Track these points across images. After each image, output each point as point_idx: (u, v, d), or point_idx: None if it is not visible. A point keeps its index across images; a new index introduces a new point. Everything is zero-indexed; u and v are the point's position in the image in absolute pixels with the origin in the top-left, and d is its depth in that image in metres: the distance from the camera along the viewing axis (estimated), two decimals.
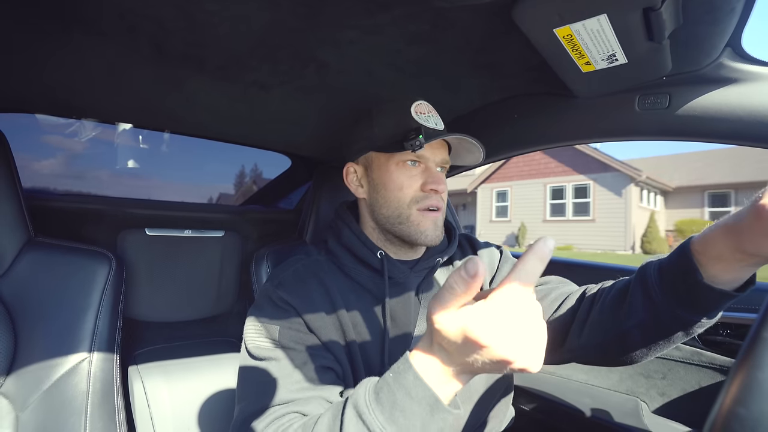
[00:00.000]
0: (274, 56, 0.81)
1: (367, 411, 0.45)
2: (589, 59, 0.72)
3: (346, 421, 0.47)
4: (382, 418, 0.44)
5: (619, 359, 0.67)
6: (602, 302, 0.67)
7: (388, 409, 0.44)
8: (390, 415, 0.44)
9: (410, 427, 0.43)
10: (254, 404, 0.62)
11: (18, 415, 0.80)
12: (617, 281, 0.69)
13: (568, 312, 0.73)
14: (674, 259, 0.57)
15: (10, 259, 0.87)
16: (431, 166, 0.77)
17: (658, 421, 1.05)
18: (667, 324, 0.59)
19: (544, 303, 0.77)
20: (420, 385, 0.43)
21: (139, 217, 1.26)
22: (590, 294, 0.72)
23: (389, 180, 0.76)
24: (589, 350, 0.69)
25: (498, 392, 0.81)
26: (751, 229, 0.46)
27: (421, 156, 0.76)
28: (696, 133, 0.79)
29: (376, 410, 0.45)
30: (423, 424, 0.43)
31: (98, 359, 0.88)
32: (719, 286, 0.52)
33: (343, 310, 0.72)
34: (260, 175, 1.81)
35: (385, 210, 0.77)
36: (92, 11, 0.66)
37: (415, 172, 0.76)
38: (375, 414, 0.45)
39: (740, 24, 0.63)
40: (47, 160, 1.36)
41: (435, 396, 0.42)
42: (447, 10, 0.66)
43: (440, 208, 0.77)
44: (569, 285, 0.81)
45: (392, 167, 0.76)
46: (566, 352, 0.72)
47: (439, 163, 0.79)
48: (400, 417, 0.43)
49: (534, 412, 1.28)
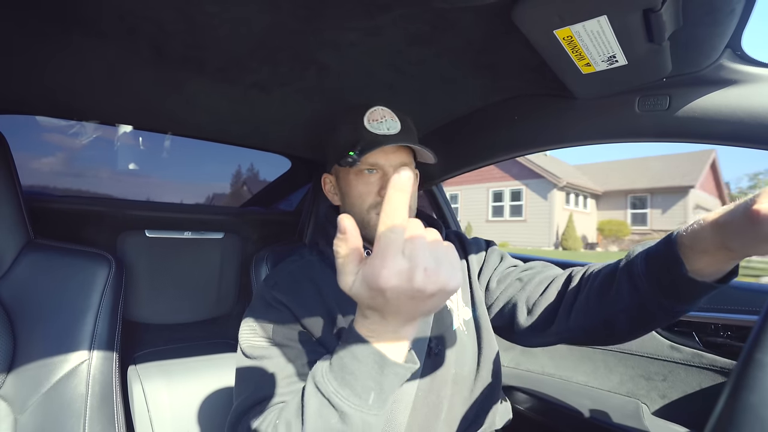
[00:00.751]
0: (274, 58, 0.81)
1: (323, 380, 0.48)
2: (589, 60, 0.72)
3: (307, 394, 0.49)
4: (335, 383, 0.47)
5: (604, 341, 0.72)
6: (589, 288, 0.69)
7: (340, 374, 0.46)
8: (342, 379, 0.46)
9: (364, 387, 0.45)
10: (248, 400, 0.63)
11: (17, 418, 0.80)
12: (604, 267, 0.70)
13: (556, 296, 0.75)
14: (661, 250, 0.59)
15: (10, 261, 0.87)
16: (388, 170, 0.79)
17: (659, 424, 1.05)
18: (652, 312, 0.61)
19: (529, 286, 0.79)
20: (362, 345, 0.45)
21: (138, 218, 1.26)
22: (576, 278, 0.73)
23: (350, 189, 0.80)
24: (575, 333, 0.71)
25: (488, 382, 0.81)
26: (741, 230, 0.47)
27: (375, 163, 0.78)
28: (696, 135, 0.79)
29: (329, 377, 0.47)
30: (377, 382, 0.45)
31: (97, 361, 0.88)
32: (702, 279, 0.54)
33: (336, 309, 0.73)
34: (260, 176, 1.81)
35: (352, 216, 0.79)
36: (92, 13, 0.67)
37: (372, 179, 0.78)
38: (329, 381, 0.47)
39: (740, 25, 0.63)
40: (46, 161, 1.36)
41: (379, 353, 0.44)
42: (447, 11, 0.66)
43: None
44: (554, 269, 0.83)
45: (351, 177, 0.80)
46: (553, 334, 0.74)
47: (398, 167, 0.79)
48: (351, 379, 0.45)
49: (534, 413, 1.28)
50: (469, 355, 0.80)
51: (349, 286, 0.42)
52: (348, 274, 0.42)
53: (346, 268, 0.42)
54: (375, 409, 0.46)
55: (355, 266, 0.42)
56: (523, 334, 0.78)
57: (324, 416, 0.47)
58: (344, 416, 0.46)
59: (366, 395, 0.46)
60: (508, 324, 0.80)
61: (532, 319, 0.76)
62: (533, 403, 1.28)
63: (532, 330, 0.76)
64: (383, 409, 0.48)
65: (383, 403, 0.47)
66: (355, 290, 0.42)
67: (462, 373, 0.78)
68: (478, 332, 0.82)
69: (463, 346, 0.79)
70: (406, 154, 0.81)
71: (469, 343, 0.81)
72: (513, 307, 0.79)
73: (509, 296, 0.81)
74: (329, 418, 0.47)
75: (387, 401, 0.48)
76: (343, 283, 0.43)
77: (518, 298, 0.79)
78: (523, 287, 0.80)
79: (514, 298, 0.80)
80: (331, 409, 0.46)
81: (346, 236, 0.42)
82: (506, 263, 0.89)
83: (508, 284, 0.83)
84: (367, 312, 0.44)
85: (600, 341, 0.73)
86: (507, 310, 0.81)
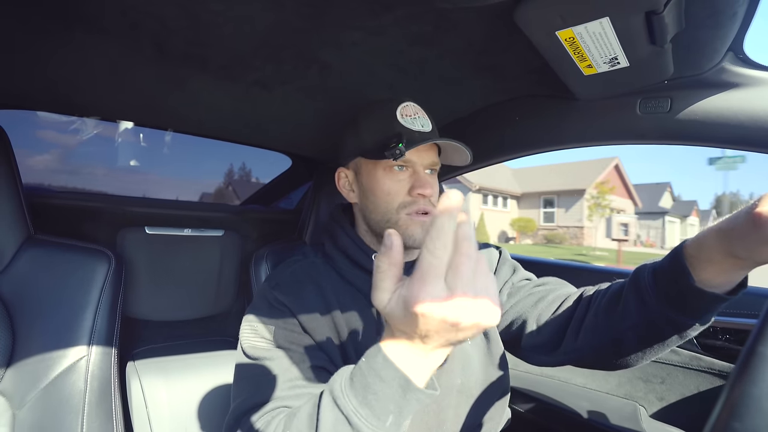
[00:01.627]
0: (277, 56, 0.81)
1: (342, 396, 0.46)
2: (591, 62, 0.72)
3: (323, 407, 0.48)
4: (355, 401, 0.45)
5: (614, 363, 0.67)
6: (597, 305, 0.67)
7: (361, 392, 0.45)
8: (363, 398, 0.44)
9: (384, 409, 0.44)
10: (248, 401, 0.62)
11: (15, 413, 0.80)
12: (613, 284, 0.69)
13: (565, 314, 0.73)
14: (667, 263, 0.57)
15: (10, 256, 0.87)
16: (419, 169, 0.76)
17: (657, 426, 1.05)
18: (660, 327, 0.59)
19: (542, 304, 0.77)
20: (389, 366, 0.43)
21: (138, 215, 1.26)
22: (587, 296, 0.71)
23: (377, 186, 0.76)
24: (584, 353, 0.69)
25: (494, 393, 0.81)
26: (745, 235, 0.46)
27: (408, 160, 0.75)
28: (697, 138, 0.79)
29: (350, 394, 0.46)
30: (397, 405, 0.44)
31: (96, 357, 0.88)
32: (711, 290, 0.53)
33: (338, 312, 0.72)
34: (261, 174, 1.81)
35: (374, 215, 0.77)
36: (95, 9, 0.67)
37: (402, 177, 0.76)
38: (349, 398, 0.45)
39: (742, 28, 0.63)
40: (47, 157, 1.36)
41: (405, 377, 0.43)
42: (449, 12, 0.66)
43: (430, 212, 0.76)
44: (567, 287, 0.81)
45: (379, 173, 0.76)
46: (562, 354, 0.72)
47: (428, 166, 0.78)
48: (372, 400, 0.44)
49: (532, 415, 1.28)
50: (476, 365, 0.78)
51: (384, 304, 0.41)
52: (384, 290, 0.41)
53: (384, 284, 0.41)
54: (391, 431, 0.45)
55: (393, 284, 0.41)
56: (530, 351, 0.77)
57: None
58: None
59: (384, 417, 0.44)
60: (515, 340, 0.79)
61: (541, 337, 0.74)
62: (532, 404, 1.29)
63: (540, 348, 0.75)
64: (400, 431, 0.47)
65: (399, 427, 0.46)
66: (389, 309, 0.41)
67: (468, 384, 0.77)
68: (487, 343, 0.81)
69: (470, 356, 0.78)
70: (435, 154, 0.79)
71: (477, 354, 0.79)
72: (522, 324, 0.77)
73: (519, 312, 0.79)
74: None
75: (402, 425, 0.46)
76: (377, 299, 0.41)
77: (529, 315, 0.77)
78: (534, 304, 0.78)
79: (524, 314, 0.78)
80: (348, 426, 0.45)
81: (391, 252, 0.40)
82: (518, 276, 0.86)
83: (519, 299, 0.81)
84: (397, 333, 0.43)
85: (609, 362, 0.68)
86: (516, 326, 0.79)
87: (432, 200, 0.76)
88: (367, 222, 0.80)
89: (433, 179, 0.79)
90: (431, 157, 0.78)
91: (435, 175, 0.80)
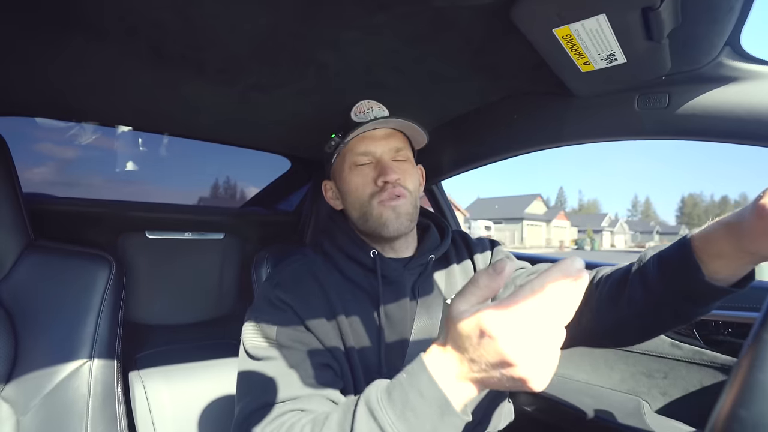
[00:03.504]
0: (274, 59, 0.81)
1: (379, 408, 0.45)
2: (588, 59, 0.72)
3: (358, 418, 0.47)
4: (393, 416, 0.44)
5: (616, 344, 0.72)
6: (600, 292, 0.68)
7: (400, 407, 0.44)
8: (402, 413, 0.44)
9: (420, 428, 0.43)
10: (255, 402, 0.62)
11: (19, 419, 0.80)
12: (614, 271, 0.70)
13: None
14: (674, 255, 0.58)
15: (11, 263, 0.87)
16: (383, 158, 0.78)
17: (660, 421, 1.05)
18: (666, 315, 0.61)
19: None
20: (432, 386, 0.43)
21: (139, 220, 1.26)
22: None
23: (348, 185, 0.79)
24: (588, 336, 0.71)
25: (496, 391, 0.81)
26: (752, 228, 0.47)
27: (367, 151, 0.78)
28: (695, 132, 0.79)
29: (387, 408, 0.45)
30: (433, 426, 0.43)
31: (99, 363, 0.88)
32: (719, 283, 0.53)
33: (340, 309, 0.72)
34: (260, 177, 1.81)
35: (354, 213, 0.80)
36: (92, 14, 0.67)
37: (367, 170, 0.78)
38: (387, 412, 0.45)
39: (739, 23, 0.63)
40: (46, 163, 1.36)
41: (446, 398, 0.42)
42: (446, 10, 0.66)
43: (401, 194, 0.77)
44: None
45: (346, 172, 0.79)
46: (566, 338, 0.72)
47: (391, 152, 0.79)
48: (411, 416, 0.43)
49: (535, 411, 1.28)
50: None
51: (459, 312, 0.40)
52: (466, 302, 0.40)
53: (470, 297, 0.41)
54: None
55: (477, 302, 0.40)
56: None
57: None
58: None
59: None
60: None
61: None
62: (535, 401, 1.29)
63: None
64: None
65: None
66: (460, 318, 0.40)
67: None
68: None
69: None
70: (399, 140, 0.80)
71: None
72: None
73: None
74: None
75: None
76: (456, 304, 0.41)
77: None
78: None
79: None
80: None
81: (497, 277, 0.39)
82: (513, 266, 0.87)
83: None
84: (450, 342, 0.42)
85: (612, 344, 0.73)
86: None
87: (401, 182, 0.78)
88: (355, 224, 0.82)
89: (402, 165, 0.80)
90: (391, 143, 0.79)
91: (407, 162, 0.81)
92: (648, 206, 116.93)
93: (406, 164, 0.81)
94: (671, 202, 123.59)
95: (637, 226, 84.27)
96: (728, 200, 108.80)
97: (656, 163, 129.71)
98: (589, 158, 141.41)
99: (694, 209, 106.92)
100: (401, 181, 0.78)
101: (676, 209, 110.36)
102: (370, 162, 0.78)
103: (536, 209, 49.97)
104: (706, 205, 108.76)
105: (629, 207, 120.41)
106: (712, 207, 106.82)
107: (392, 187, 0.76)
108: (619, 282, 0.66)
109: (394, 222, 0.76)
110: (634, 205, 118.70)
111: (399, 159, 0.80)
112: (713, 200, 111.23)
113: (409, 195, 0.78)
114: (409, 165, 0.81)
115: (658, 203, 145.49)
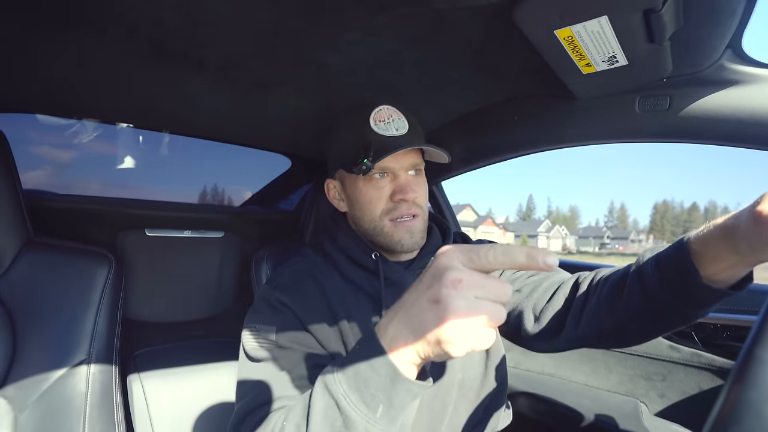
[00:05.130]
0: (275, 58, 0.81)
1: (333, 381, 0.46)
2: (590, 61, 0.72)
3: (315, 393, 0.48)
4: (346, 386, 0.45)
5: (616, 346, 0.72)
6: (598, 295, 0.68)
7: (353, 378, 0.44)
8: (354, 384, 0.44)
9: (374, 398, 0.43)
10: (251, 402, 0.62)
11: (17, 416, 0.80)
12: (612, 273, 0.69)
13: (563, 301, 0.74)
14: (672, 257, 0.58)
15: (10, 260, 0.87)
16: (399, 174, 0.75)
17: (658, 424, 1.05)
18: (665, 317, 0.61)
19: (537, 293, 0.78)
20: (380, 354, 0.43)
21: (138, 217, 1.26)
22: (585, 284, 0.72)
23: (359, 195, 0.76)
24: (586, 339, 0.71)
25: (494, 388, 0.81)
26: (748, 233, 0.47)
27: (386, 167, 0.74)
28: (696, 135, 0.79)
29: (341, 379, 0.45)
30: (386, 396, 0.43)
31: (97, 360, 0.88)
32: (716, 285, 0.53)
33: (341, 311, 0.72)
34: (260, 176, 1.81)
35: (362, 223, 0.78)
36: (93, 12, 0.67)
37: (383, 184, 0.75)
38: (339, 382, 0.45)
39: (741, 26, 0.63)
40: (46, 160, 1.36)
41: (393, 366, 0.42)
42: (447, 12, 0.66)
43: (416, 214, 0.75)
44: (560, 273, 0.82)
45: (360, 183, 0.75)
46: (564, 341, 0.73)
47: (409, 168, 0.76)
48: (362, 386, 0.44)
49: (533, 414, 1.28)
50: (476, 359, 0.79)
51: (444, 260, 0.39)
52: (456, 259, 0.39)
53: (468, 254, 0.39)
54: (382, 424, 0.45)
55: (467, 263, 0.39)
56: (531, 340, 0.77)
57: (329, 417, 0.46)
58: (348, 421, 0.44)
59: (375, 406, 0.44)
60: (515, 330, 0.79)
61: (540, 326, 0.75)
62: (532, 403, 1.29)
63: (541, 336, 0.75)
64: (393, 427, 0.46)
65: (392, 420, 0.45)
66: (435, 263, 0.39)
67: (468, 378, 0.77)
68: None
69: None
70: (416, 154, 0.78)
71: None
72: (519, 314, 0.78)
73: (515, 302, 0.80)
74: (334, 421, 0.45)
75: (397, 419, 0.45)
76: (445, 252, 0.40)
77: (525, 305, 0.78)
78: (529, 294, 0.78)
79: (520, 304, 0.79)
80: (337, 411, 0.45)
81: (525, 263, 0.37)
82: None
83: (514, 290, 0.81)
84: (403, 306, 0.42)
85: (612, 346, 0.73)
86: (513, 316, 0.79)
87: (416, 201, 0.76)
88: (359, 230, 0.80)
89: (418, 179, 0.78)
90: (411, 159, 0.76)
91: (420, 175, 0.79)
92: (624, 212, 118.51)
93: (419, 178, 0.79)
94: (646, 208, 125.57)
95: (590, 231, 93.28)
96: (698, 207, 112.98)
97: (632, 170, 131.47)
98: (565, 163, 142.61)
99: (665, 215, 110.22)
100: (417, 200, 0.76)
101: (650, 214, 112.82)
102: (386, 176, 0.75)
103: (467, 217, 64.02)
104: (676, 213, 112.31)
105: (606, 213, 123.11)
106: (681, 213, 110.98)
107: (407, 207, 0.74)
108: (617, 284, 0.66)
109: (409, 241, 0.75)
110: (611, 211, 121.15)
111: (416, 173, 0.79)
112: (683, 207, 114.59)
113: (422, 213, 0.77)
114: (422, 179, 0.80)
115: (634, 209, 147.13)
